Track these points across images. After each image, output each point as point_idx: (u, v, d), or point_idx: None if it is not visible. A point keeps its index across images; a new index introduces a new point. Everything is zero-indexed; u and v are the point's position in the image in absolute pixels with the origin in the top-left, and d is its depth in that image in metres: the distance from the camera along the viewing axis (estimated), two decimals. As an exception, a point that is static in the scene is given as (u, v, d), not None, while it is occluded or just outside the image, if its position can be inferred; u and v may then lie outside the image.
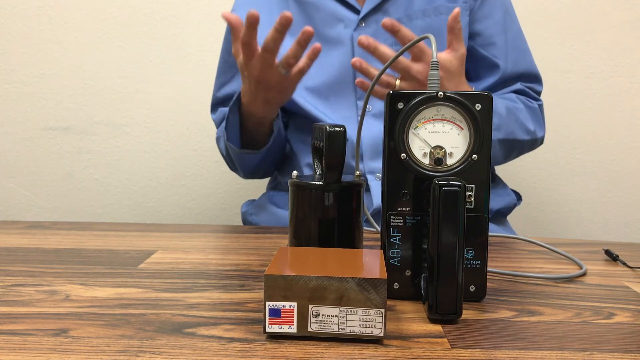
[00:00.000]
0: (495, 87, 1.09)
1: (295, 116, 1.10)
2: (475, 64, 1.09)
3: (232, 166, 1.12)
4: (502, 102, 1.00)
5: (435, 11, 1.03)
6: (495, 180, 1.12)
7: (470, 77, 1.10)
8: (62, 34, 1.48)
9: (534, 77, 1.11)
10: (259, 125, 1.01)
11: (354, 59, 0.85)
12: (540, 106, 1.11)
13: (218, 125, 1.12)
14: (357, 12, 1.05)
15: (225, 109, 1.06)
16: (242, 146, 1.04)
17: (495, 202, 1.06)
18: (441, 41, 1.00)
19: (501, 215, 1.08)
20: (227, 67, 1.11)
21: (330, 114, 1.04)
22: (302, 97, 1.05)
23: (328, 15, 1.05)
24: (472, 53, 1.08)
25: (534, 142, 1.07)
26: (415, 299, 0.55)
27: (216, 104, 1.12)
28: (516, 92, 1.10)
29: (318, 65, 1.04)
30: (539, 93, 1.12)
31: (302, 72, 0.89)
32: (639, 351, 0.44)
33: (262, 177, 1.16)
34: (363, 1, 1.05)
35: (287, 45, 1.01)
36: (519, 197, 1.15)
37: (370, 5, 1.03)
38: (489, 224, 1.02)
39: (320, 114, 1.04)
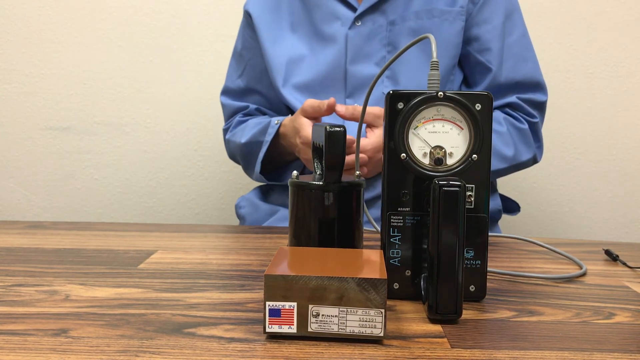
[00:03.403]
0: None
1: (285, 113, 1.12)
2: (472, 69, 1.07)
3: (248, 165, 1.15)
4: None
5: (428, 14, 1.03)
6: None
7: (469, 83, 1.09)
8: (62, 34, 1.48)
9: (534, 86, 1.06)
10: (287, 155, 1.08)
11: (341, 111, 0.92)
12: (534, 124, 1.05)
13: (226, 119, 1.19)
14: (354, 10, 1.05)
15: (237, 104, 1.15)
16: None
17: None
18: (436, 43, 1.03)
19: (493, 220, 1.08)
20: (240, 61, 1.16)
21: None
22: (291, 95, 1.06)
23: (327, 13, 1.06)
24: (469, 58, 1.06)
25: (518, 166, 1.03)
26: (415, 299, 0.55)
27: (229, 92, 1.19)
28: (509, 105, 1.06)
29: (312, 61, 1.06)
30: (541, 104, 1.07)
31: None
32: (639, 351, 0.44)
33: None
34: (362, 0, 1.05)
35: (299, 48, 1.07)
36: (517, 207, 1.14)
37: (366, 4, 1.03)
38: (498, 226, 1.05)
39: None
